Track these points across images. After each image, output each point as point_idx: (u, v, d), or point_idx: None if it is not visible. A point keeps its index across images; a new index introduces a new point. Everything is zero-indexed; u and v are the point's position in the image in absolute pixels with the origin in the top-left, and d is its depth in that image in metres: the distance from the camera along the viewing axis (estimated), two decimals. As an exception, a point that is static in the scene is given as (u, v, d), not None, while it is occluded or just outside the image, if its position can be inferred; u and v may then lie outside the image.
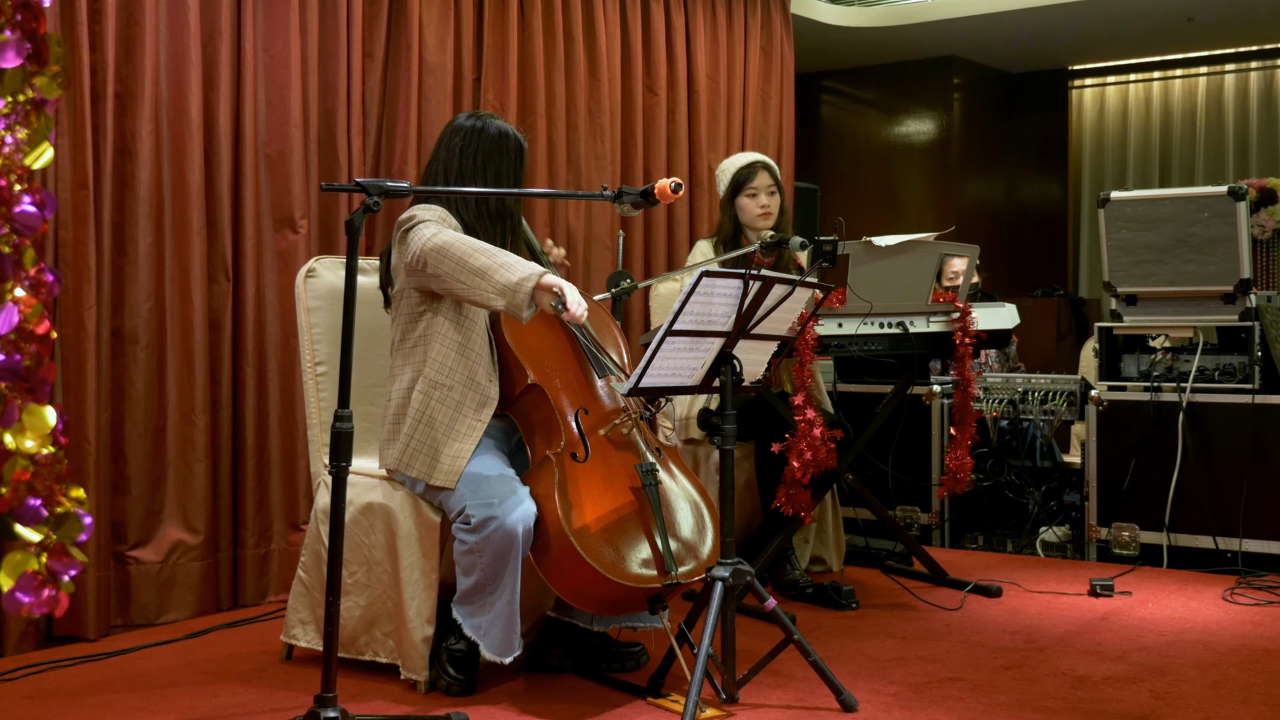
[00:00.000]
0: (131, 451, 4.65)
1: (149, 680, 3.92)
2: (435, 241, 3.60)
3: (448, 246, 3.57)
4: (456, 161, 3.88)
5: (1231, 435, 5.44)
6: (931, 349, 5.08)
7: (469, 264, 3.53)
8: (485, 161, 3.88)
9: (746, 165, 5.16)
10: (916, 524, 6.10)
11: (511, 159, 3.92)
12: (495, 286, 3.48)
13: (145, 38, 4.62)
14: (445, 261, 3.57)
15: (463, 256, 3.54)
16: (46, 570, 1.55)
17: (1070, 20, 8.83)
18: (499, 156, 3.89)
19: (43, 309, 1.52)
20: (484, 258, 3.53)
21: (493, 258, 3.52)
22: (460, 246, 3.56)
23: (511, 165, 3.92)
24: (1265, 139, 10.05)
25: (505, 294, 3.47)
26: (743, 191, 5.13)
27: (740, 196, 5.14)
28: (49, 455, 1.54)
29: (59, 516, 1.55)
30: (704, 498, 3.91)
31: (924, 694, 3.74)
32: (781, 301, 3.59)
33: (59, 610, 1.55)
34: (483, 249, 3.56)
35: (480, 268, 3.51)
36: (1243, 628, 4.51)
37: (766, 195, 5.12)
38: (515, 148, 3.93)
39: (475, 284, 3.52)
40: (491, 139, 3.89)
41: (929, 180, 10.01)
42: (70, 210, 4.41)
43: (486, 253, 3.54)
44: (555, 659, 3.97)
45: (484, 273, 3.50)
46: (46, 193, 1.52)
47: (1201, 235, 5.46)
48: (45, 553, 1.54)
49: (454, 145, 3.90)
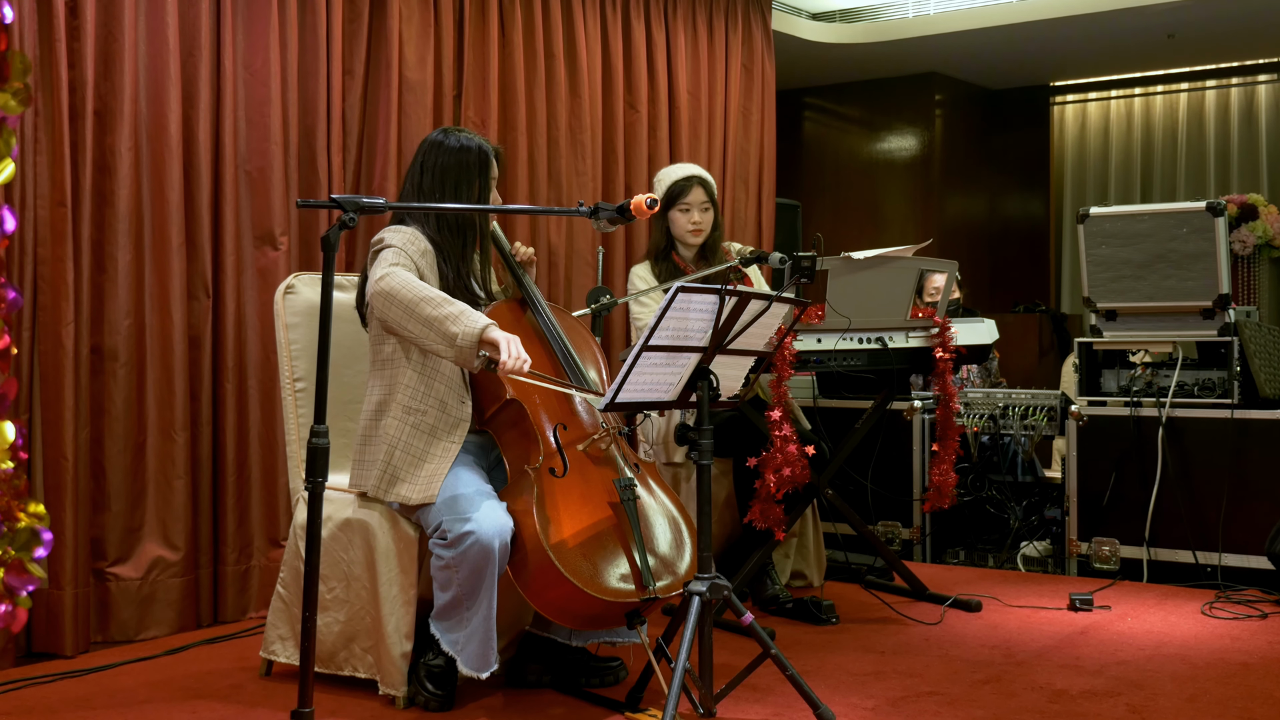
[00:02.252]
0: (111, 468, 4.64)
1: (128, 697, 3.91)
2: (382, 286, 3.62)
3: (394, 294, 3.60)
4: (421, 178, 3.93)
5: (1211, 450, 5.46)
6: (911, 364, 5.10)
7: (416, 313, 3.58)
8: (444, 176, 3.90)
9: (683, 179, 5.08)
10: (897, 539, 6.11)
11: (473, 172, 3.92)
12: (442, 337, 3.54)
13: (124, 55, 4.62)
14: (392, 308, 3.61)
15: (409, 305, 3.58)
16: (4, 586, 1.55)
17: (1051, 37, 8.88)
18: (457, 171, 3.91)
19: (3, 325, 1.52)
20: (430, 308, 3.56)
21: (438, 308, 3.56)
22: (406, 294, 3.59)
23: (473, 179, 3.92)
24: (1246, 155, 10.10)
25: (451, 346, 3.54)
26: (676, 205, 5.07)
27: (673, 210, 5.07)
28: (8, 471, 1.54)
29: (18, 532, 1.55)
30: (682, 513, 3.92)
31: (902, 708, 3.74)
32: (758, 317, 3.59)
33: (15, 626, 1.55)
34: (429, 298, 3.58)
35: (427, 318, 3.56)
36: (1221, 642, 4.52)
37: (700, 211, 5.05)
38: (476, 161, 3.93)
39: (423, 333, 3.58)
40: (452, 153, 3.91)
41: (911, 196, 10.04)
42: (49, 227, 4.40)
43: (432, 302, 3.57)
44: (534, 674, 3.97)
45: (430, 323, 3.56)
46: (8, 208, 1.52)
47: (1180, 251, 5.49)
48: (3, 568, 1.54)
49: (421, 162, 3.94)
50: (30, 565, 1.57)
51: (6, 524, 1.54)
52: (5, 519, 1.53)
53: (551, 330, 3.97)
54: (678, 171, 5.15)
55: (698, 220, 5.04)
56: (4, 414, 1.55)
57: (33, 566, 1.57)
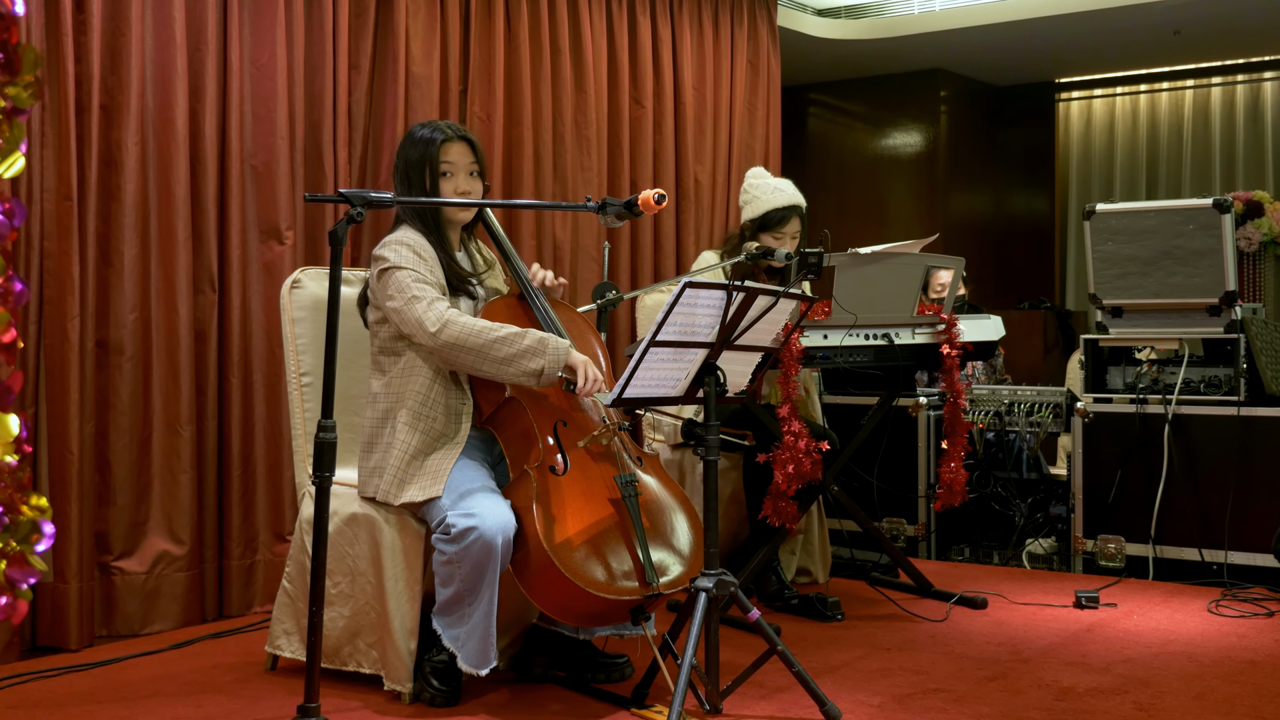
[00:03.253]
0: (116, 462, 4.64)
1: (133, 691, 3.91)
2: (446, 339, 3.65)
3: (460, 344, 3.64)
4: (394, 175, 3.96)
5: (1217, 447, 5.45)
6: (917, 360, 5.09)
7: (490, 355, 3.64)
8: (408, 171, 3.91)
9: (784, 208, 5.03)
10: (903, 536, 6.11)
11: (419, 165, 3.88)
12: (524, 373, 3.63)
13: (131, 49, 4.62)
14: (462, 356, 3.67)
15: (481, 351, 3.64)
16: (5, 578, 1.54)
17: (1057, 33, 8.86)
18: (406, 165, 3.91)
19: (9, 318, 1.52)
20: (505, 348, 3.63)
21: (512, 345, 3.62)
22: (474, 342, 3.64)
23: (420, 169, 3.88)
24: (1252, 152, 10.08)
25: (536, 379, 3.64)
26: (771, 231, 5.04)
27: (767, 234, 5.06)
28: (11, 464, 1.54)
29: (20, 525, 1.54)
30: (687, 508, 3.91)
31: (908, 705, 3.74)
32: (765, 313, 3.59)
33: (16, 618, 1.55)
34: (501, 339, 3.63)
35: (504, 358, 3.63)
36: (1227, 640, 4.51)
37: (790, 240, 5.06)
38: (423, 152, 3.87)
39: (499, 371, 3.66)
40: (411, 145, 3.92)
41: (916, 192, 10.03)
42: (55, 221, 4.40)
43: (506, 341, 3.63)
44: (540, 667, 3.97)
45: (509, 361, 3.63)
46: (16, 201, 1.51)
47: (1186, 248, 5.48)
48: (4, 560, 1.53)
49: (397, 157, 3.97)
50: (32, 558, 1.57)
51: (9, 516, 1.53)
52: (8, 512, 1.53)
53: (551, 326, 3.95)
54: (782, 197, 5.08)
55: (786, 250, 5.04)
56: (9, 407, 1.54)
57: (34, 559, 1.57)
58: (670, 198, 6.82)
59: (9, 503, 1.53)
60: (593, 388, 3.63)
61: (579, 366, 3.63)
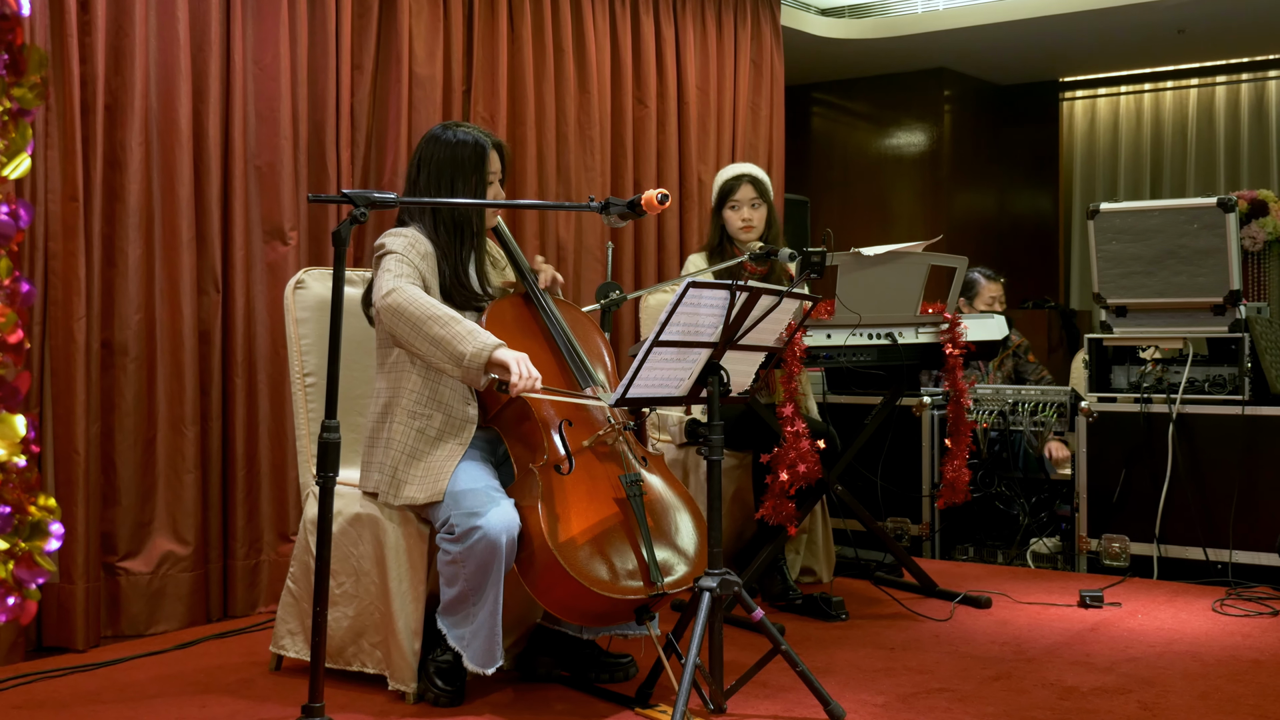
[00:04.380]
0: (121, 462, 4.65)
1: (138, 691, 3.92)
2: (389, 302, 3.62)
3: (400, 310, 3.60)
4: (419, 174, 3.91)
5: (1222, 447, 5.45)
6: (921, 360, 5.09)
7: (423, 331, 3.58)
8: (439, 171, 3.87)
9: (732, 178, 5.15)
10: (907, 535, 6.11)
11: (468, 168, 3.88)
12: (448, 357, 3.55)
13: (135, 50, 4.63)
14: (400, 324, 3.61)
15: (416, 323, 3.58)
16: (13, 578, 1.55)
17: (1061, 32, 8.86)
18: (452, 166, 3.88)
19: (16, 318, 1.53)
20: (437, 327, 3.56)
21: (445, 327, 3.56)
22: (413, 312, 3.59)
23: (469, 175, 3.88)
24: (1256, 151, 10.07)
25: (458, 366, 3.56)
26: (726, 204, 5.13)
27: (725, 209, 5.14)
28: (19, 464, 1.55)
29: (28, 525, 1.55)
30: (691, 508, 3.91)
31: (912, 704, 3.74)
32: (769, 312, 3.59)
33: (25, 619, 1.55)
34: (436, 316, 3.58)
35: (434, 337, 3.56)
36: (1232, 639, 4.51)
37: (749, 208, 5.10)
38: (471, 156, 3.88)
39: (430, 351, 3.59)
40: (448, 147, 3.89)
41: (919, 192, 10.02)
42: (60, 222, 4.41)
43: (440, 321, 3.57)
44: (544, 667, 3.97)
45: (438, 342, 3.56)
46: (23, 202, 1.52)
47: (1191, 247, 5.47)
48: (13, 561, 1.54)
49: (420, 157, 3.92)
50: (40, 558, 1.57)
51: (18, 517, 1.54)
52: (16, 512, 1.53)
53: (557, 327, 3.96)
54: (728, 171, 5.23)
55: (748, 216, 5.08)
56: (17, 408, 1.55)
57: (43, 559, 1.57)
58: (674, 198, 6.83)
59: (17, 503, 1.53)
60: (527, 383, 3.52)
61: (510, 362, 3.51)
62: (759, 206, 5.12)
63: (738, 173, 5.17)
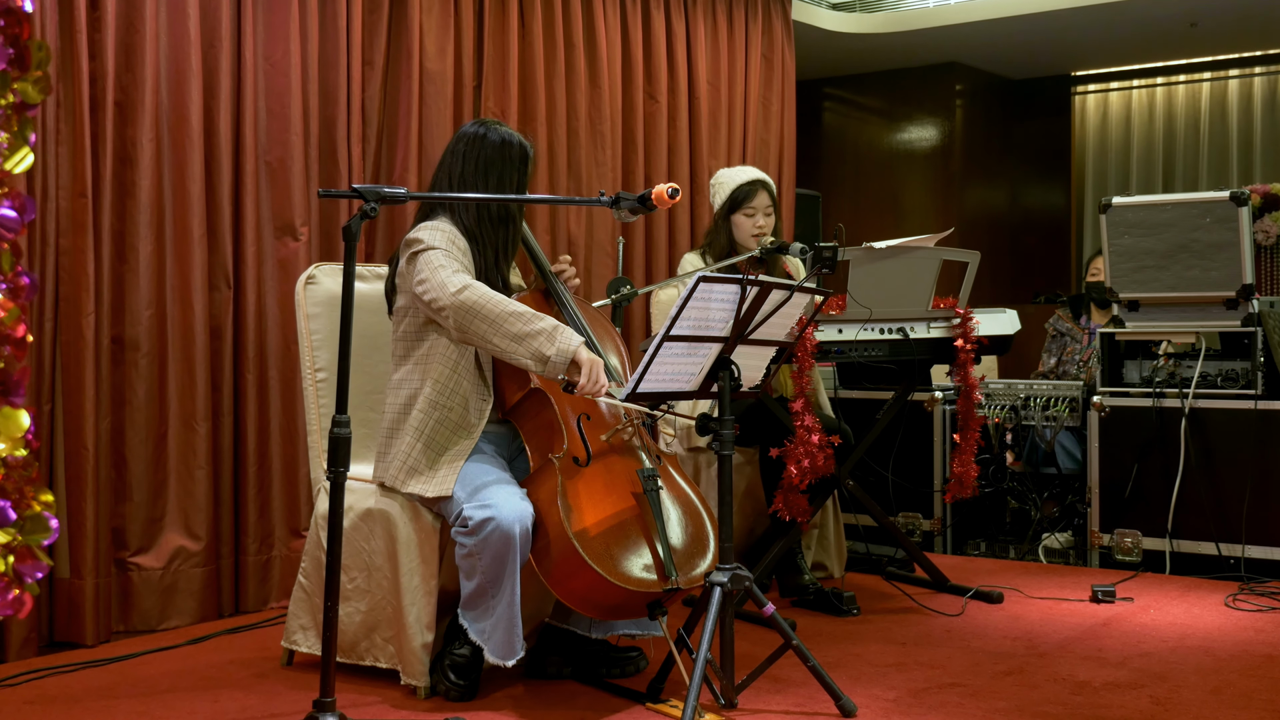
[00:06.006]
0: (133, 458, 4.66)
1: (150, 686, 3.92)
2: (463, 300, 3.60)
3: (478, 309, 3.59)
4: (460, 168, 3.90)
5: (1234, 441, 5.43)
6: (932, 354, 5.08)
7: (503, 328, 3.57)
8: (487, 168, 3.89)
9: (748, 183, 5.08)
10: (918, 530, 6.10)
11: (514, 166, 3.93)
12: (532, 354, 3.55)
13: (145, 46, 4.63)
14: (475, 321, 3.59)
15: (496, 320, 3.57)
16: (12, 572, 1.55)
17: (1073, 26, 8.83)
18: (501, 164, 3.90)
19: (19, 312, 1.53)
20: (519, 324, 3.56)
21: (528, 324, 3.56)
22: (492, 310, 3.58)
23: (513, 172, 3.92)
24: (1269, 144, 10.04)
25: (542, 364, 3.56)
26: (740, 209, 5.08)
27: (737, 214, 5.09)
28: (20, 458, 1.55)
29: (27, 519, 1.55)
30: (704, 505, 3.91)
31: (923, 699, 3.73)
32: (779, 307, 3.58)
33: (23, 612, 1.56)
34: (517, 313, 3.58)
35: (517, 334, 3.56)
36: (1245, 634, 4.50)
37: (764, 216, 5.06)
38: (518, 155, 3.94)
39: (509, 347, 3.58)
40: (494, 146, 3.91)
41: (931, 187, 10.01)
42: (70, 218, 4.42)
43: (521, 318, 3.57)
44: (554, 666, 3.97)
45: (520, 339, 3.56)
46: (26, 197, 1.52)
47: (1203, 241, 5.46)
48: (11, 554, 1.54)
49: (458, 152, 3.92)
50: (39, 552, 1.57)
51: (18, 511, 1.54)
52: (17, 506, 1.53)
53: (576, 323, 3.96)
54: (742, 175, 5.15)
55: (762, 225, 5.05)
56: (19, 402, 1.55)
57: (41, 554, 1.58)
58: (684, 192, 6.82)
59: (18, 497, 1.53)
60: (595, 390, 3.55)
61: (585, 364, 3.54)
62: (770, 215, 5.09)
63: (753, 178, 5.11)
